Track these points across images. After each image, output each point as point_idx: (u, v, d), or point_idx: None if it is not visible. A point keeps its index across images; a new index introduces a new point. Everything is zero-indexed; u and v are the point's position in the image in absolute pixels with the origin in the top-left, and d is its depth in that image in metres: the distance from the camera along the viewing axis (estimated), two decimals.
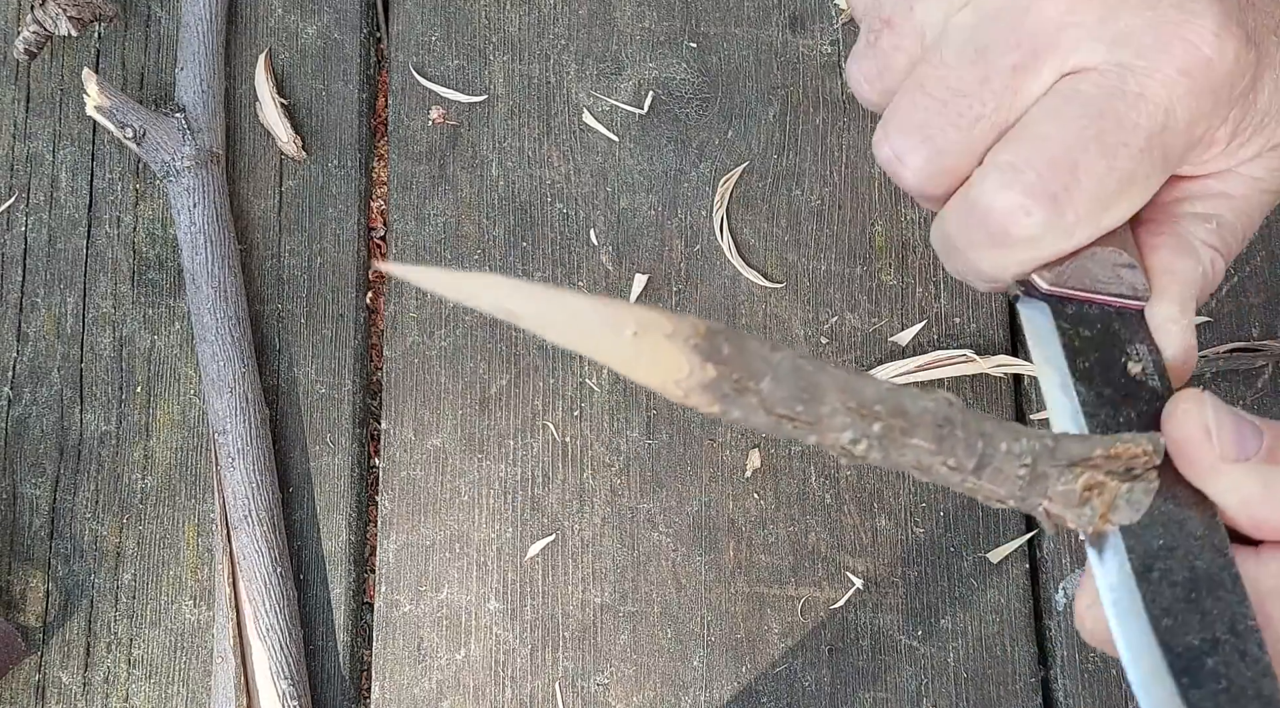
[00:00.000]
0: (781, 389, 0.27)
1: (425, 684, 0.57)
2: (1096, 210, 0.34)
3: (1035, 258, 0.36)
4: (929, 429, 0.29)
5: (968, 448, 0.30)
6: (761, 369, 0.27)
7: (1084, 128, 0.34)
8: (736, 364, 0.26)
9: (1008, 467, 0.30)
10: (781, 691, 0.57)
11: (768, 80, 0.63)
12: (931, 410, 0.29)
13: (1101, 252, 0.35)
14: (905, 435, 0.29)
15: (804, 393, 0.27)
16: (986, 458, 0.30)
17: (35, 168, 0.62)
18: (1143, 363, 0.36)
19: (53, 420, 0.60)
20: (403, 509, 0.59)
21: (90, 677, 0.57)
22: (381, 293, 0.62)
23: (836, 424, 0.28)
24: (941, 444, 0.29)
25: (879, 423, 0.28)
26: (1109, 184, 0.34)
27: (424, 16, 0.64)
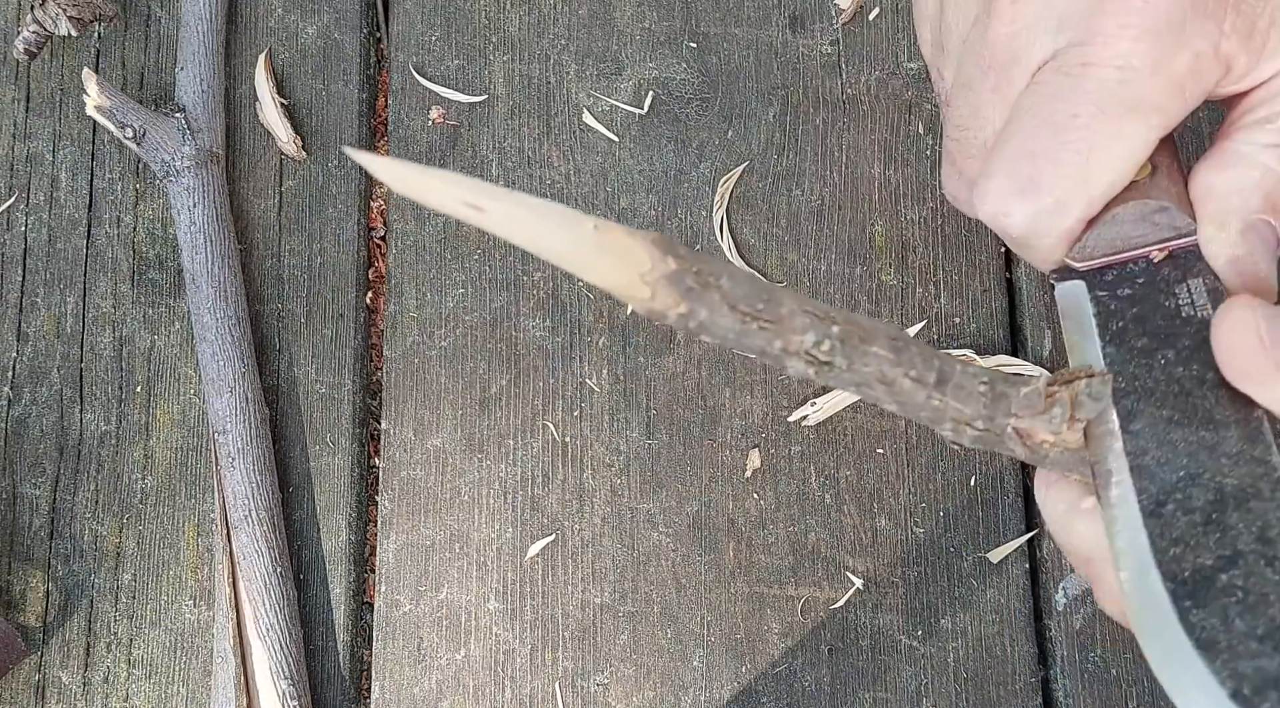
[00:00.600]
0: (741, 287, 0.28)
1: (425, 684, 0.57)
2: (1075, 185, 0.35)
3: (1047, 246, 0.36)
4: (885, 340, 0.30)
5: (925, 362, 0.30)
6: (718, 269, 0.27)
7: (1036, 116, 0.35)
8: (694, 260, 0.27)
9: (968, 383, 0.31)
10: (781, 691, 0.57)
11: (768, 80, 0.63)
12: (882, 326, 0.30)
13: (1123, 210, 0.35)
14: (864, 342, 0.29)
15: (763, 294, 0.28)
16: (946, 373, 0.30)
17: (35, 168, 0.62)
18: (1194, 299, 0.35)
19: (53, 420, 0.60)
20: (403, 509, 0.59)
21: (90, 677, 0.57)
22: (381, 293, 0.63)
23: (798, 325, 0.28)
24: (900, 356, 0.30)
25: (837, 326, 0.29)
26: (1072, 157, 0.34)
27: (424, 16, 0.64)
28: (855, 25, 0.63)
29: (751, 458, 0.59)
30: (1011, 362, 0.59)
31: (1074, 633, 0.57)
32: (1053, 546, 0.58)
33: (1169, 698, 0.31)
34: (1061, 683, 0.57)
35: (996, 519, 0.59)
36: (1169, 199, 0.36)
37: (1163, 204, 0.35)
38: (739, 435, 0.59)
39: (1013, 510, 0.59)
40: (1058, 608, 0.58)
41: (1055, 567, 0.58)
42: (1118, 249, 0.36)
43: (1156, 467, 0.32)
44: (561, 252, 0.26)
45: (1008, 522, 0.59)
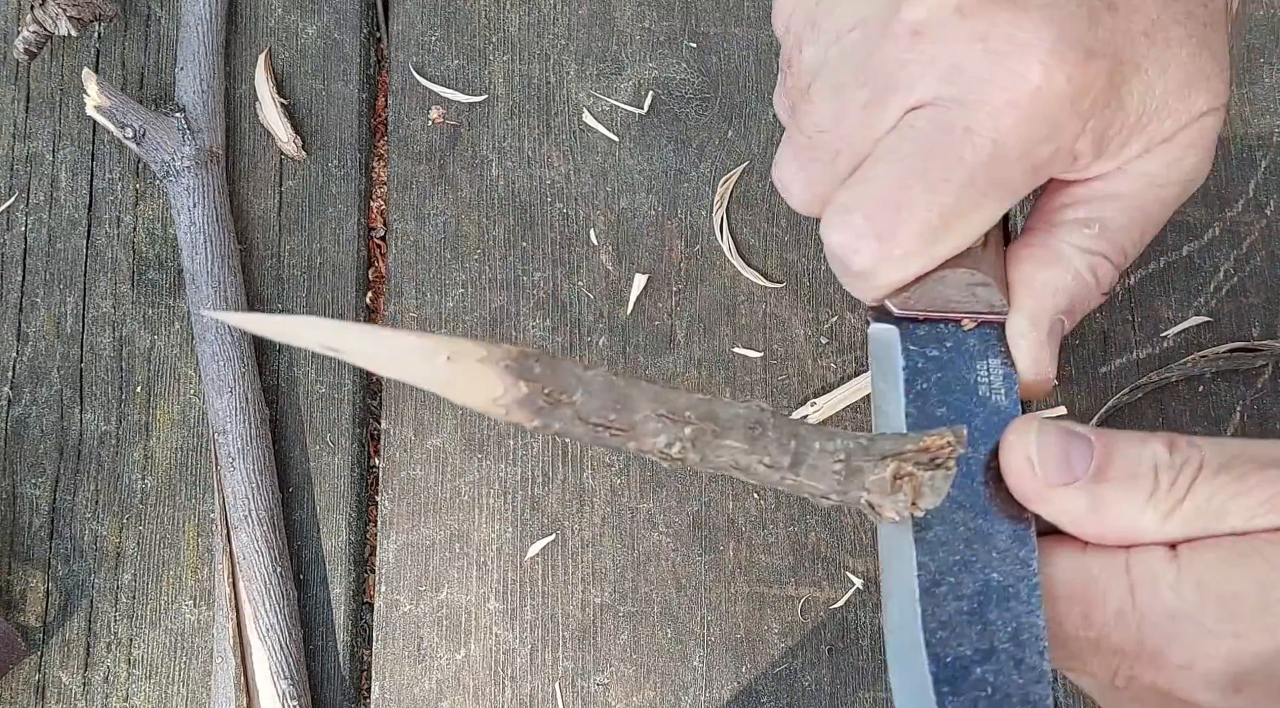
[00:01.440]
0: (594, 400, 0.29)
1: (425, 684, 0.57)
2: (925, 244, 0.36)
3: (877, 287, 0.37)
4: (741, 431, 0.31)
5: (780, 447, 0.32)
6: (573, 384, 0.29)
7: (910, 166, 0.35)
8: (548, 380, 0.29)
9: (823, 463, 0.32)
10: (781, 691, 0.57)
11: (768, 80, 0.63)
12: (743, 415, 0.31)
13: (952, 274, 0.37)
14: (718, 437, 0.31)
15: (616, 403, 0.29)
16: (801, 455, 0.32)
17: (35, 168, 0.62)
18: (990, 378, 0.37)
19: (53, 420, 0.60)
20: (403, 509, 0.59)
21: (90, 677, 0.57)
22: (381, 293, 0.63)
23: (650, 430, 0.30)
24: (754, 444, 0.31)
25: (690, 427, 0.30)
26: (932, 219, 0.35)
27: (424, 16, 0.64)
28: None
29: None
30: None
31: None
32: None
33: None
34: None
35: None
36: (992, 276, 0.37)
37: (986, 280, 0.37)
38: None
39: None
40: None
41: None
42: (936, 308, 0.38)
43: (938, 544, 0.34)
44: (420, 381, 0.28)
45: None
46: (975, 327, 0.38)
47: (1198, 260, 0.61)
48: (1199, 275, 0.60)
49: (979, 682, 0.33)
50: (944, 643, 0.33)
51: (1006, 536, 0.35)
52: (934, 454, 0.33)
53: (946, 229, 0.36)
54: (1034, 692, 0.33)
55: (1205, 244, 0.61)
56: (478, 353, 0.28)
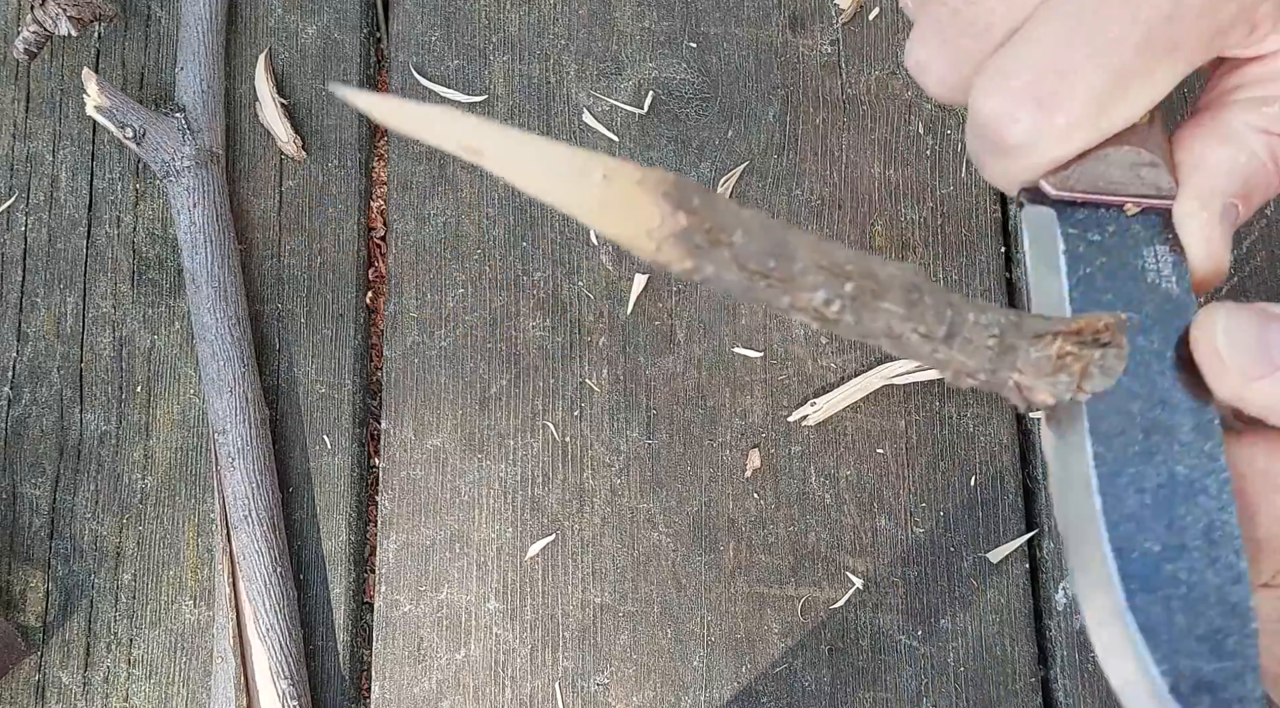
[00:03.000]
0: (754, 243, 0.26)
1: (425, 684, 0.57)
2: (1092, 113, 0.33)
3: (1034, 164, 0.34)
4: (899, 293, 0.29)
5: (937, 315, 0.29)
6: (732, 222, 0.26)
7: (1076, 27, 0.32)
8: (708, 215, 0.26)
9: (977, 337, 0.30)
10: (781, 691, 0.57)
11: (768, 80, 0.63)
12: (899, 276, 0.29)
13: (1116, 152, 0.34)
14: (876, 298, 0.28)
15: (776, 249, 0.27)
16: (955, 327, 0.30)
17: (35, 168, 0.62)
18: (1159, 265, 0.35)
19: (53, 420, 0.60)
20: (403, 509, 0.59)
21: (90, 677, 0.57)
22: (381, 293, 0.63)
23: (809, 283, 0.28)
24: (911, 310, 0.29)
25: (851, 283, 0.28)
26: (1101, 84, 0.32)
27: (424, 16, 0.64)
28: (855, 25, 0.63)
29: (751, 458, 0.59)
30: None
31: (1074, 633, 0.57)
32: (1053, 545, 0.58)
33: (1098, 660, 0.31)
34: (1061, 683, 0.57)
35: (996, 519, 0.59)
36: (1160, 155, 0.35)
37: (1154, 159, 0.35)
38: (739, 435, 0.59)
39: (1013, 510, 0.59)
40: (1058, 608, 0.58)
41: (1055, 567, 0.58)
42: (1098, 190, 0.35)
43: (1114, 435, 0.32)
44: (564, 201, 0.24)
45: (1008, 522, 0.59)
46: (1139, 212, 0.35)
47: None
48: None
49: (1170, 579, 0.30)
50: (1129, 538, 0.31)
51: (1189, 428, 0.32)
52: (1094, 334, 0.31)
53: (1116, 97, 0.33)
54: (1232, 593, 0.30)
55: None
56: (635, 175, 0.24)
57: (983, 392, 0.32)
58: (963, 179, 0.62)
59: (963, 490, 0.59)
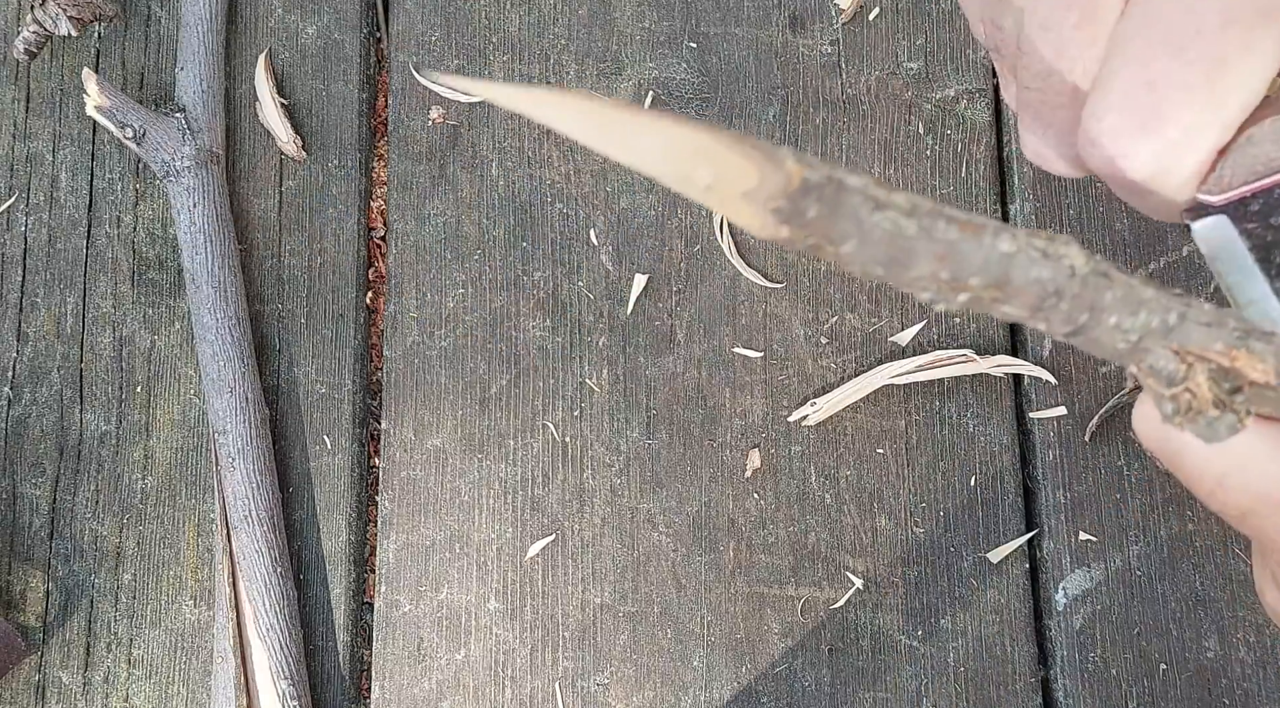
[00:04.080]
0: (865, 253, 0.24)
1: (425, 684, 0.57)
2: (1205, 110, 0.31)
3: (1178, 185, 0.32)
4: (1029, 299, 0.26)
5: (1068, 319, 0.27)
6: (848, 233, 0.24)
7: (1147, 38, 0.30)
8: (819, 229, 0.24)
9: (1107, 339, 0.27)
10: (781, 691, 0.57)
11: (768, 80, 0.63)
12: (1043, 281, 0.26)
13: (1258, 130, 0.32)
14: (997, 303, 0.26)
15: (892, 259, 0.25)
16: (1085, 328, 0.27)
17: (35, 168, 0.62)
18: None
19: (53, 420, 0.60)
20: (403, 509, 0.59)
21: (90, 677, 0.57)
22: (381, 293, 0.63)
23: (919, 286, 0.25)
24: (1036, 314, 0.27)
25: (965, 294, 0.25)
26: (1197, 79, 0.30)
27: (424, 16, 0.64)
28: (855, 25, 0.63)
29: (751, 458, 0.59)
30: (1011, 361, 0.59)
31: (1074, 633, 0.57)
32: (1053, 545, 0.58)
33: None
34: (1061, 683, 0.57)
35: (996, 519, 0.59)
36: None
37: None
38: (739, 435, 0.59)
39: (1013, 510, 0.59)
40: (1058, 608, 0.58)
41: (1055, 567, 0.58)
42: (1259, 174, 0.32)
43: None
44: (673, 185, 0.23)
45: (1008, 522, 0.59)
46: None
47: (1198, 260, 0.60)
48: (1199, 275, 0.60)
49: None
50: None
51: None
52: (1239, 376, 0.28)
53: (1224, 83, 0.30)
54: None
55: None
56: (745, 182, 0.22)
57: None
58: (963, 179, 0.62)
59: (963, 490, 0.59)
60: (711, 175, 0.22)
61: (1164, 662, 0.57)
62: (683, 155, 0.22)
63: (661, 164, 0.22)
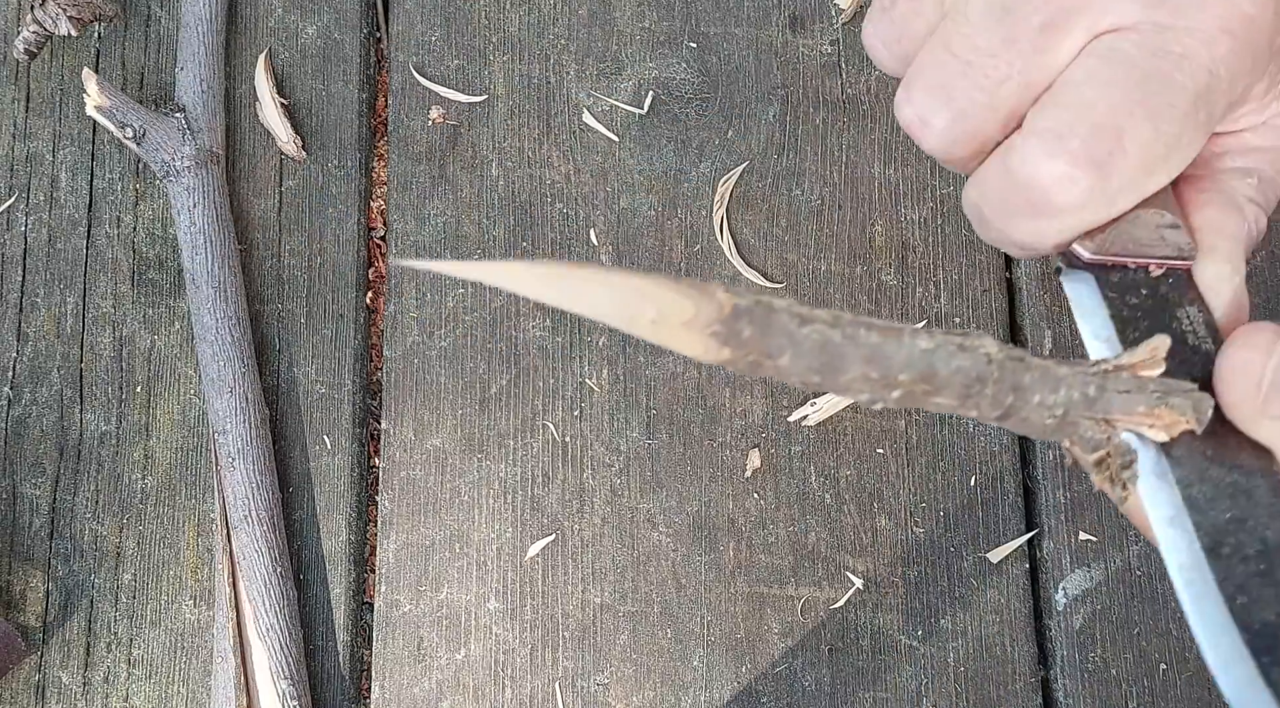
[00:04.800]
0: (800, 363, 0.27)
1: (425, 684, 0.57)
2: (1142, 175, 0.33)
3: (1076, 226, 0.34)
4: (956, 389, 0.29)
5: (994, 403, 0.29)
6: (781, 347, 0.27)
7: (1129, 91, 0.32)
8: (755, 346, 0.26)
9: (1035, 416, 0.30)
10: (781, 691, 0.57)
11: (768, 80, 0.63)
12: (965, 370, 0.29)
13: (1144, 215, 0.34)
14: (928, 396, 0.29)
15: (825, 365, 0.27)
16: (1013, 410, 0.29)
17: (35, 168, 0.62)
18: (1194, 327, 0.34)
19: (53, 420, 0.60)
20: (403, 509, 0.59)
21: (90, 677, 0.57)
22: (381, 293, 0.63)
23: (854, 389, 0.28)
24: (966, 402, 0.29)
25: (898, 390, 0.28)
26: (1156, 148, 0.33)
27: (424, 16, 0.64)
28: (855, 25, 0.63)
29: (751, 458, 0.59)
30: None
31: (1074, 633, 0.57)
32: (1053, 545, 0.58)
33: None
34: (1061, 683, 0.57)
35: (996, 519, 0.59)
36: (1180, 218, 0.35)
37: (1176, 221, 0.35)
38: (739, 435, 0.59)
39: (1013, 510, 0.59)
40: (1058, 608, 0.58)
41: (1055, 567, 0.58)
42: (1129, 251, 0.35)
43: (1205, 503, 0.31)
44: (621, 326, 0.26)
45: (1008, 522, 0.59)
46: (1162, 272, 0.35)
47: None
48: None
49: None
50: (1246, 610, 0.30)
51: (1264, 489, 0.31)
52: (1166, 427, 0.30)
53: (1165, 160, 0.33)
54: None
55: None
56: (683, 314, 0.25)
57: None
58: (963, 179, 0.62)
59: (963, 490, 0.59)
60: (655, 312, 0.25)
61: (1164, 662, 0.57)
62: (629, 299, 0.25)
63: (612, 309, 0.25)
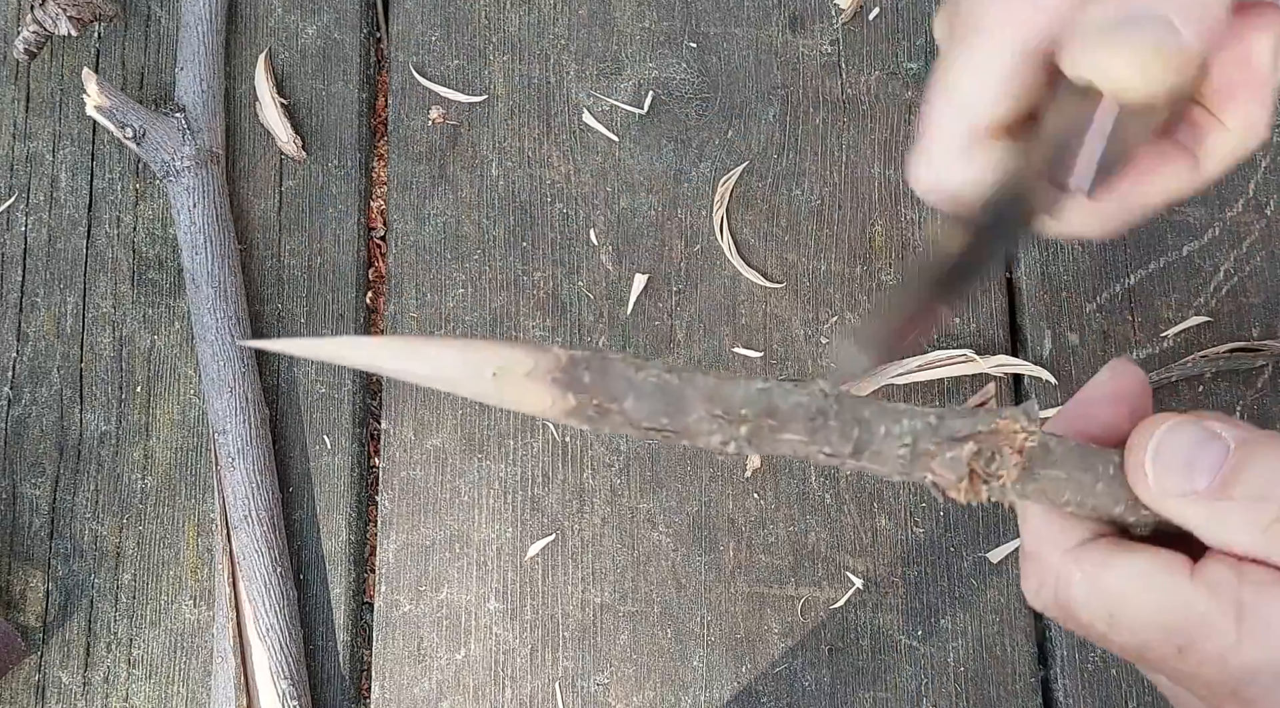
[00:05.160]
0: (645, 406, 0.29)
1: (425, 684, 0.57)
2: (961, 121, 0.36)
3: None
4: (801, 423, 0.30)
5: (843, 436, 0.31)
6: (623, 390, 0.29)
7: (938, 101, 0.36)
8: (598, 390, 0.28)
9: (887, 448, 0.31)
10: (781, 691, 0.57)
11: (768, 80, 0.63)
12: (804, 405, 0.30)
13: None
14: (776, 432, 0.30)
15: (669, 407, 0.29)
16: (863, 443, 0.31)
17: (35, 168, 0.62)
18: None
19: (53, 420, 0.60)
20: (403, 509, 0.59)
21: (90, 677, 0.57)
22: (381, 293, 0.63)
23: (704, 430, 0.29)
24: (815, 436, 0.30)
25: (746, 425, 0.30)
26: None
27: (424, 16, 0.64)
28: (855, 25, 0.63)
29: (751, 458, 0.59)
30: (1011, 362, 0.59)
31: (1074, 633, 0.57)
32: None
33: None
34: (1061, 683, 0.57)
35: (996, 519, 0.59)
36: None
37: None
38: None
39: (1013, 510, 0.59)
40: None
41: None
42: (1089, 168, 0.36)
43: None
44: (468, 393, 0.28)
45: (1008, 522, 0.59)
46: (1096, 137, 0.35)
47: (1198, 260, 0.61)
48: (1199, 275, 0.60)
49: None
50: None
51: None
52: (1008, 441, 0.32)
53: None
54: None
55: (1205, 244, 0.61)
56: (523, 366, 0.27)
57: None
58: None
59: None
60: (497, 366, 0.27)
61: None
62: (471, 359, 0.27)
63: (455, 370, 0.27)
